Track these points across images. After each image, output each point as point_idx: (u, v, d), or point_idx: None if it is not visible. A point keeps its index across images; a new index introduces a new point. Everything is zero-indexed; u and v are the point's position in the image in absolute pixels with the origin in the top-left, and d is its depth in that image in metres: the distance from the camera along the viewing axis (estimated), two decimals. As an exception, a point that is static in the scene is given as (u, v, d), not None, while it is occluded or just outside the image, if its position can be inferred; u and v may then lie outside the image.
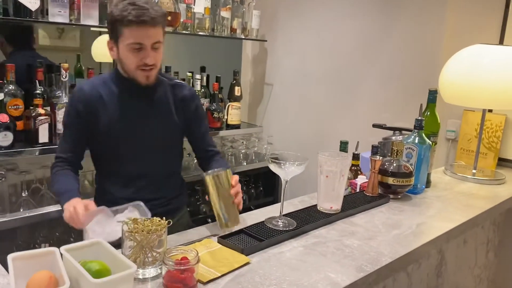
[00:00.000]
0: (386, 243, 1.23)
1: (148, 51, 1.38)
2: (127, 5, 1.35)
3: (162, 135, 1.55)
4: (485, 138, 2.09)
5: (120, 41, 1.39)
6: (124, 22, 1.35)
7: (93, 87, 1.49)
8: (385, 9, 2.44)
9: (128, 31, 1.36)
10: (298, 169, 1.24)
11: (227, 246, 1.14)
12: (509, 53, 1.80)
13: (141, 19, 1.34)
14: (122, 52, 1.41)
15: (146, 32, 1.36)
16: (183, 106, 1.57)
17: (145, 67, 1.40)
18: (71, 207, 1.29)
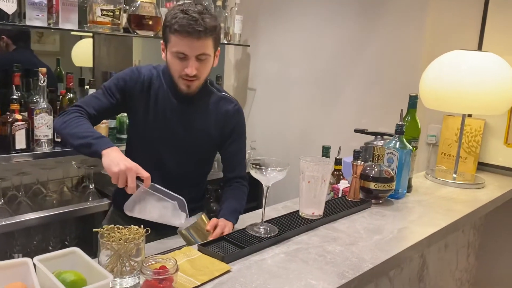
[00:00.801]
0: (368, 249, 1.23)
1: (191, 62, 1.37)
2: (178, 12, 1.35)
3: (196, 144, 1.53)
4: (465, 142, 2.12)
5: (168, 46, 1.40)
6: (171, 29, 1.34)
7: (149, 73, 1.49)
8: (366, 15, 2.46)
9: (174, 39, 1.35)
10: (280, 175, 1.23)
11: (207, 254, 1.12)
12: (487, 59, 1.83)
13: (186, 30, 1.32)
14: (168, 57, 1.41)
15: (191, 43, 1.34)
16: (223, 121, 1.54)
17: (186, 77, 1.39)
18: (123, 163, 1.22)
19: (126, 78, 1.47)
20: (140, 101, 1.48)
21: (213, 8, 2.65)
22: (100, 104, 1.46)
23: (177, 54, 1.37)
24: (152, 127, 1.49)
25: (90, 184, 2.25)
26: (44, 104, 1.94)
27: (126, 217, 1.41)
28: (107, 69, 2.48)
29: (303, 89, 2.80)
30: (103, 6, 2.10)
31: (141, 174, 1.24)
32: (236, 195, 1.55)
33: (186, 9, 1.34)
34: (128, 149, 1.61)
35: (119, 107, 1.51)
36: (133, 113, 1.52)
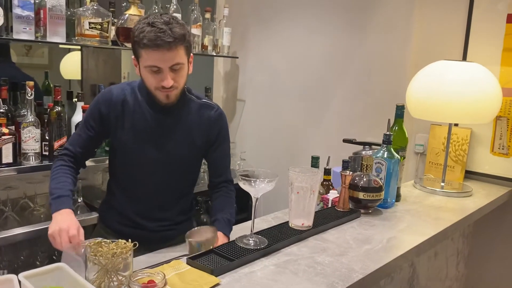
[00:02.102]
0: (357, 259, 1.23)
1: (166, 74, 1.34)
2: (145, 26, 1.31)
3: (181, 154, 1.50)
4: (452, 151, 2.14)
5: (140, 61, 1.37)
6: (140, 44, 1.31)
7: (121, 92, 1.47)
8: (353, 27, 2.50)
9: (145, 54, 1.32)
10: (269, 186, 1.23)
11: (196, 267, 1.12)
12: (472, 69, 1.86)
13: (155, 43, 1.29)
14: (142, 72, 1.39)
15: (162, 56, 1.31)
16: (207, 127, 1.53)
17: (163, 89, 1.37)
18: (58, 225, 1.23)
19: (100, 105, 1.46)
20: (117, 123, 1.46)
21: (202, 20, 2.66)
22: (83, 140, 1.49)
23: (150, 68, 1.34)
24: (134, 147, 1.47)
25: (79, 198, 2.23)
26: (32, 118, 1.92)
27: (113, 232, 1.40)
28: (96, 82, 2.47)
29: (292, 100, 2.82)
30: (91, 19, 2.10)
31: (70, 232, 1.22)
32: (228, 203, 1.55)
33: (152, 22, 1.31)
34: (111, 170, 1.59)
35: (102, 136, 1.53)
36: (113, 136, 1.50)
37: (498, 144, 2.09)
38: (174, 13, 2.49)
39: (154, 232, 1.53)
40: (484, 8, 2.08)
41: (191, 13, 2.62)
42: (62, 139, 2.02)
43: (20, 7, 1.86)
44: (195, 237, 1.27)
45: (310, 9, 2.69)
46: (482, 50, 2.09)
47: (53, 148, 2.00)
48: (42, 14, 1.97)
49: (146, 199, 1.53)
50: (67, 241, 1.20)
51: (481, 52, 2.09)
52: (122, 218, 1.54)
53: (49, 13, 1.96)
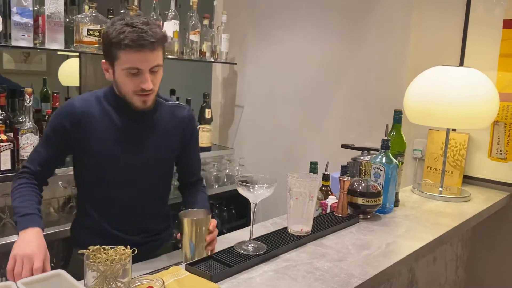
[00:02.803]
0: (356, 264, 1.23)
1: (146, 76, 1.30)
2: (124, 27, 1.26)
3: (159, 159, 1.47)
4: (450, 156, 2.15)
5: (116, 64, 1.31)
6: (121, 45, 1.26)
7: (85, 103, 1.39)
8: (351, 33, 2.51)
9: (125, 55, 1.27)
10: (267, 191, 1.23)
11: (195, 273, 1.11)
12: (469, 74, 1.87)
13: (139, 44, 1.25)
14: (118, 76, 1.33)
15: (144, 57, 1.28)
16: (180, 129, 1.51)
17: (142, 92, 1.32)
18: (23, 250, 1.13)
19: (63, 120, 1.38)
20: (85, 137, 1.38)
21: (200, 27, 2.68)
22: (46, 157, 1.41)
23: (129, 70, 1.29)
24: (108, 160, 1.40)
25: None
26: (30, 124, 1.93)
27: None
28: (94, 88, 2.44)
29: (290, 105, 2.82)
30: (89, 26, 2.11)
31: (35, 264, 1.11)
32: (204, 197, 1.57)
33: (131, 22, 1.27)
34: (82, 189, 1.50)
35: (64, 153, 1.45)
36: (81, 152, 1.41)
37: (496, 149, 2.09)
38: (172, 19, 2.50)
39: (139, 245, 1.45)
40: (481, 14, 2.09)
41: (189, 19, 2.64)
42: (60, 146, 2.02)
43: (18, 14, 1.87)
44: (189, 217, 1.25)
45: (308, 15, 2.70)
46: (479, 56, 2.10)
47: (51, 155, 2.00)
48: (41, 21, 1.98)
49: (127, 211, 1.46)
50: (28, 273, 1.09)
51: (478, 58, 2.10)
52: (102, 237, 1.36)
53: (48, 20, 1.97)
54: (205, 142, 2.81)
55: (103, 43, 1.35)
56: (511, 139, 2.05)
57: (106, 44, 1.32)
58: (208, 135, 2.83)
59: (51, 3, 1.96)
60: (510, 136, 2.05)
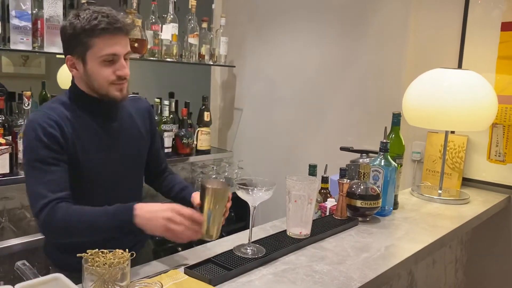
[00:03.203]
0: (356, 267, 1.23)
1: (122, 62, 1.27)
2: (93, 14, 1.22)
3: (134, 155, 1.44)
4: (449, 159, 2.15)
5: (88, 54, 1.24)
6: (95, 31, 1.21)
7: (54, 111, 1.28)
8: (349, 35, 2.51)
9: (101, 41, 1.22)
10: (266, 194, 1.23)
11: (194, 276, 1.11)
12: (467, 77, 1.87)
13: (116, 27, 1.23)
14: (91, 67, 1.26)
15: (121, 41, 1.26)
16: (146, 118, 1.50)
17: (119, 80, 1.28)
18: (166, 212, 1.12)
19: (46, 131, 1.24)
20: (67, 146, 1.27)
21: (199, 30, 2.68)
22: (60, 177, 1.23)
23: (105, 57, 1.24)
24: (89, 158, 1.31)
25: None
26: (29, 128, 1.92)
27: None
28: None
29: (289, 108, 2.82)
30: (88, 29, 2.11)
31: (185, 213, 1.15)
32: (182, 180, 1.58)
33: (98, 10, 1.23)
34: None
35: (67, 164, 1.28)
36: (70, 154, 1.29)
37: (495, 151, 2.10)
38: (171, 23, 2.51)
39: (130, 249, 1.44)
40: (479, 16, 2.10)
41: (188, 22, 2.64)
42: (59, 149, 2.02)
43: (17, 18, 1.88)
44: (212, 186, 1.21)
45: (306, 18, 2.71)
46: (477, 58, 2.10)
47: (50, 158, 2.00)
48: (39, 25, 1.99)
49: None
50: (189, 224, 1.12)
51: (476, 60, 2.10)
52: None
53: (46, 24, 1.97)
54: (204, 145, 2.81)
55: (66, 37, 1.28)
56: (509, 141, 2.05)
57: (73, 35, 1.24)
58: (207, 138, 2.83)
59: (50, 7, 1.96)
60: (509, 138, 2.05)
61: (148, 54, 2.44)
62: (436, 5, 2.21)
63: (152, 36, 2.46)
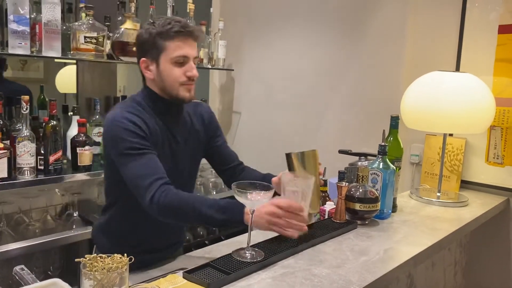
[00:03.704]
0: (355, 271, 1.23)
1: (191, 64, 1.38)
2: (167, 20, 1.36)
3: (195, 158, 1.54)
4: (447, 161, 2.15)
5: (162, 56, 1.35)
6: (169, 34, 1.33)
7: (131, 107, 1.38)
8: (347, 39, 2.52)
9: (173, 44, 1.34)
10: (264, 198, 1.23)
11: (192, 281, 1.11)
12: (465, 80, 1.88)
13: (188, 30, 1.35)
14: (164, 69, 1.36)
15: (191, 45, 1.37)
16: (207, 122, 1.58)
17: (188, 81, 1.38)
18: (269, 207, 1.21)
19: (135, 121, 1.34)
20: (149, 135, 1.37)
21: (197, 33, 2.68)
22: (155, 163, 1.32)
23: (177, 59, 1.35)
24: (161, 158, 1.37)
25: (74, 212, 2.22)
26: (27, 132, 1.92)
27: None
28: (91, 96, 2.47)
29: (287, 111, 2.83)
30: (86, 34, 2.11)
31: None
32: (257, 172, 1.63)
33: (171, 18, 1.37)
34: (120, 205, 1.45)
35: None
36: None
37: (493, 154, 2.10)
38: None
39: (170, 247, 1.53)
40: (476, 19, 2.11)
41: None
42: (57, 153, 2.02)
43: (15, 22, 1.87)
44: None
45: (304, 22, 2.71)
46: (475, 61, 2.11)
47: (48, 162, 2.00)
48: (38, 29, 1.99)
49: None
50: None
51: (474, 63, 2.11)
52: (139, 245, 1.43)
53: (45, 28, 1.97)
54: (202, 149, 2.80)
55: (141, 41, 1.38)
56: (508, 143, 2.06)
57: (148, 40, 1.36)
58: (206, 141, 2.82)
59: (48, 11, 1.96)
60: (507, 141, 2.06)
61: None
62: (434, 8, 2.22)
63: (150, 40, 2.45)
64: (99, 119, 2.36)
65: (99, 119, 2.37)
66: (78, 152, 2.11)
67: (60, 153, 2.03)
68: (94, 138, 2.29)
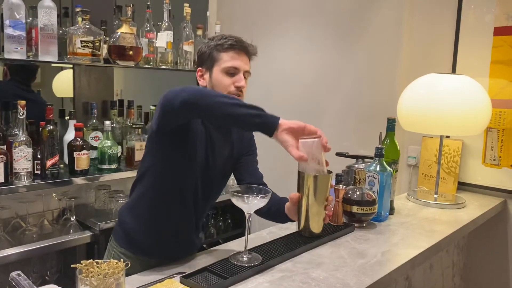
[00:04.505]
0: (352, 274, 1.22)
1: (241, 76, 1.45)
2: (225, 35, 1.46)
3: (226, 168, 1.55)
4: (444, 163, 2.15)
5: (215, 65, 1.44)
6: (224, 46, 1.43)
7: None
8: (343, 42, 2.53)
9: (227, 55, 1.43)
10: (261, 202, 1.22)
11: (190, 285, 1.10)
12: (461, 82, 1.88)
13: (241, 45, 1.45)
14: (215, 77, 1.44)
15: (242, 59, 1.46)
16: (246, 140, 1.62)
17: (236, 91, 1.44)
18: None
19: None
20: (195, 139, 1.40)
21: (194, 37, 2.69)
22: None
23: (228, 69, 1.43)
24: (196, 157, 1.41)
25: (72, 216, 2.21)
26: (23, 137, 1.92)
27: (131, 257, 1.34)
28: (88, 100, 2.47)
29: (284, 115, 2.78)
30: (83, 38, 2.11)
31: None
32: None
33: (229, 34, 1.47)
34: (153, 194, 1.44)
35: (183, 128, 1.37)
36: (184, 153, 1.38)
37: (490, 155, 2.10)
38: (166, 30, 2.51)
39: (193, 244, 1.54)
40: (472, 21, 2.11)
41: (183, 30, 2.64)
42: (54, 158, 2.01)
43: (11, 27, 1.88)
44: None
45: (301, 25, 2.72)
46: (470, 63, 2.12)
47: (45, 167, 1.99)
48: (34, 34, 1.99)
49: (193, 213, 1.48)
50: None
51: (470, 65, 2.11)
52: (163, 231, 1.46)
53: (41, 33, 1.97)
54: (200, 152, 2.80)
55: (200, 53, 1.49)
56: (504, 145, 2.06)
57: (204, 52, 1.46)
58: (203, 144, 2.82)
59: (44, 16, 1.96)
60: (504, 142, 2.06)
61: (143, 61, 2.44)
62: (429, 10, 2.23)
63: (147, 44, 2.46)
64: (96, 123, 2.36)
65: (96, 123, 2.36)
66: (75, 157, 2.10)
67: (57, 158, 2.03)
68: (91, 143, 2.29)
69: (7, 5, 1.87)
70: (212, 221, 2.80)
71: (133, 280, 1.20)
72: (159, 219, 1.46)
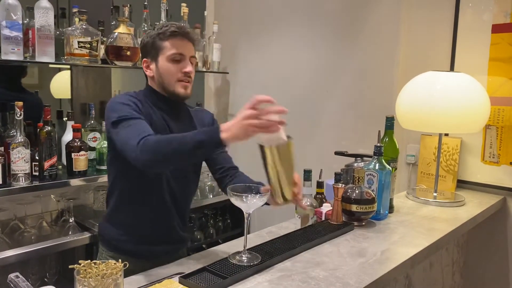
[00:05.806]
0: (352, 273, 1.22)
1: (187, 61, 1.45)
2: (165, 23, 1.48)
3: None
4: (443, 161, 2.15)
5: (160, 54, 1.44)
6: (166, 34, 1.43)
7: (132, 95, 1.45)
8: (341, 41, 2.52)
9: (170, 42, 1.43)
10: (260, 201, 1.22)
11: (188, 286, 1.10)
12: (460, 79, 1.88)
13: (183, 31, 1.45)
14: (162, 66, 1.44)
15: (186, 44, 1.45)
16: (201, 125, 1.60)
17: (184, 77, 1.44)
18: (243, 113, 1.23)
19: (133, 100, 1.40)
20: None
21: (191, 37, 2.68)
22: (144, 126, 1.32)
23: (173, 56, 1.42)
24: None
25: (70, 218, 2.20)
26: (21, 138, 1.91)
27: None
28: (86, 101, 2.46)
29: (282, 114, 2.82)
30: (80, 38, 2.11)
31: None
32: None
33: (168, 22, 1.50)
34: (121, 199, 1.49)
35: None
36: None
37: (489, 153, 2.10)
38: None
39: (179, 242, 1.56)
40: (470, 19, 2.11)
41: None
42: (52, 159, 2.00)
43: (8, 28, 1.87)
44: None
45: (299, 24, 2.71)
46: (469, 60, 2.11)
47: (43, 168, 1.99)
48: (31, 35, 1.98)
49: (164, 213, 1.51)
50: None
51: (468, 62, 2.11)
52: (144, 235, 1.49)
53: (38, 33, 1.96)
54: (198, 152, 2.79)
55: (143, 44, 1.50)
56: (503, 142, 2.06)
57: (148, 42, 1.47)
58: (202, 145, 2.81)
59: (41, 16, 1.95)
60: (502, 140, 2.06)
61: (140, 61, 2.43)
62: (427, 8, 2.23)
63: (144, 44, 2.45)
64: (94, 124, 2.35)
65: (94, 124, 2.36)
66: (73, 158, 2.10)
67: (55, 159, 2.02)
68: (89, 143, 2.28)
69: (3, 6, 1.86)
70: (211, 221, 2.79)
71: (132, 280, 1.19)
72: (141, 224, 1.48)
